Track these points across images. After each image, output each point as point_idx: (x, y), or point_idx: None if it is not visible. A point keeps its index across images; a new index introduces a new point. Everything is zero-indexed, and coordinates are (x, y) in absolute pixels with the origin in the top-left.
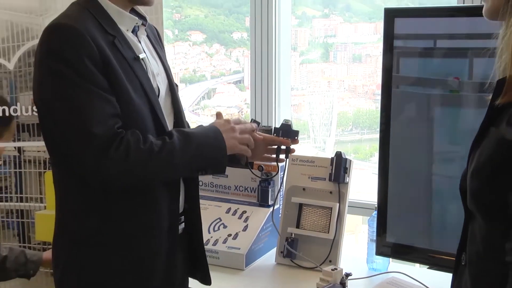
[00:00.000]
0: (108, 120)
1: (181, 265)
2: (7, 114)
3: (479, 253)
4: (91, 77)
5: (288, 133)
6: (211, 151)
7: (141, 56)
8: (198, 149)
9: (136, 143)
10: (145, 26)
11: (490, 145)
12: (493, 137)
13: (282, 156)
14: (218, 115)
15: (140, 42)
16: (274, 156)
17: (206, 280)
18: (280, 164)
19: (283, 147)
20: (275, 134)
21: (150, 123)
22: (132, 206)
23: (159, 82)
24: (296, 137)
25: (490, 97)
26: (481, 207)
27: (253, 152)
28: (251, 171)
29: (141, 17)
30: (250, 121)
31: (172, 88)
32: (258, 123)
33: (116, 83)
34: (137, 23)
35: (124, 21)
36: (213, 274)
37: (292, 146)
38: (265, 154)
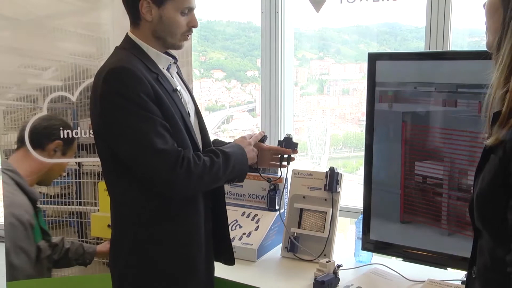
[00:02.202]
0: (169, 140)
1: (212, 249)
2: (70, 136)
3: (486, 265)
4: (148, 108)
5: (289, 144)
6: (241, 165)
7: (178, 88)
8: (234, 165)
9: (194, 160)
10: (176, 64)
11: (490, 171)
12: (492, 164)
13: (284, 163)
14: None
15: (173, 77)
16: (278, 163)
17: (229, 260)
18: (284, 176)
19: (285, 155)
20: (279, 146)
21: (187, 142)
22: (180, 208)
23: (189, 108)
24: (295, 148)
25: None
26: (487, 225)
27: (262, 159)
28: (261, 175)
29: (173, 57)
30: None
31: (198, 113)
32: (266, 137)
33: (164, 110)
34: (170, 62)
35: (161, 61)
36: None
37: (292, 155)
38: (271, 162)
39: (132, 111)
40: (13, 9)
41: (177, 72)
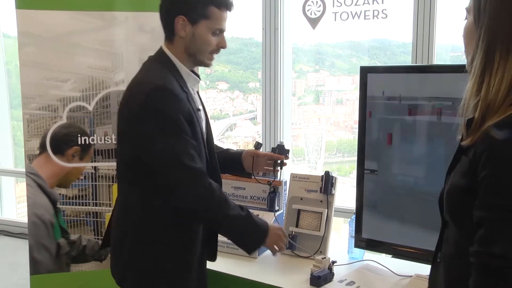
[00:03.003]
0: (197, 160)
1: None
2: (87, 142)
3: (451, 253)
4: (184, 129)
5: (282, 151)
6: (249, 237)
7: (200, 107)
8: (245, 228)
9: (219, 191)
10: (199, 82)
11: (461, 171)
12: (463, 165)
13: (278, 168)
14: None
15: (195, 95)
16: (272, 167)
17: (212, 256)
18: (279, 179)
19: (279, 161)
20: (273, 152)
21: (204, 159)
22: (185, 219)
23: (202, 119)
24: (287, 154)
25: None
26: (454, 219)
27: (257, 164)
28: (256, 179)
29: (198, 76)
30: (254, 143)
31: (208, 126)
32: (261, 144)
33: (193, 129)
34: (197, 82)
35: (190, 81)
36: (234, 261)
37: (284, 161)
38: (266, 167)
39: (169, 129)
40: (37, 27)
41: (197, 91)
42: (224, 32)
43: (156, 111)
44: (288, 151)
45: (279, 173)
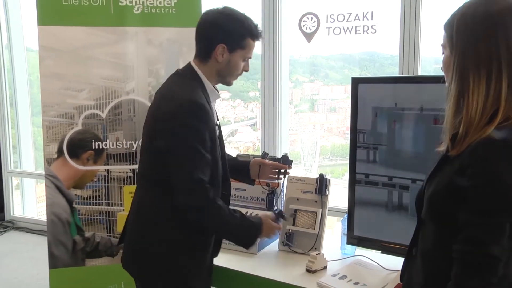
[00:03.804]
0: (207, 174)
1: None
2: (100, 147)
3: (429, 248)
4: (205, 145)
5: (286, 161)
6: (247, 236)
7: (218, 123)
8: (244, 232)
9: (226, 209)
10: (219, 98)
11: (444, 178)
12: (447, 173)
13: (281, 176)
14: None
15: (214, 111)
16: (276, 176)
17: (214, 252)
18: (281, 182)
19: (282, 170)
20: (278, 162)
21: (220, 168)
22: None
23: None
24: (290, 164)
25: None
26: (436, 219)
27: (263, 172)
28: (262, 186)
29: (218, 92)
30: (261, 152)
31: (221, 135)
32: (267, 154)
33: (213, 144)
34: (218, 98)
35: (213, 96)
36: (235, 257)
37: (288, 170)
38: (270, 175)
39: (193, 143)
40: (56, 42)
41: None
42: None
43: (186, 124)
44: (291, 161)
45: (281, 181)
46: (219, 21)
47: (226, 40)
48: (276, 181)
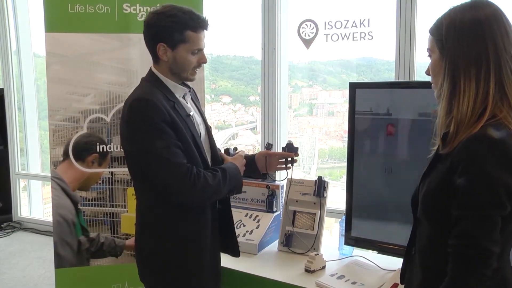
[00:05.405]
0: (180, 157)
1: (217, 244)
2: (105, 150)
3: (426, 246)
4: (165, 132)
5: (291, 149)
6: (236, 179)
7: (191, 113)
8: (230, 179)
9: (199, 174)
10: (190, 92)
11: (437, 177)
12: (439, 172)
13: (289, 165)
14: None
15: (187, 103)
16: (284, 165)
17: (235, 253)
18: (281, 184)
19: (289, 158)
20: (283, 151)
21: (197, 159)
22: (189, 210)
23: (201, 129)
24: (296, 151)
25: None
26: (430, 218)
27: (270, 164)
28: (271, 177)
29: (187, 86)
30: (265, 144)
31: (209, 132)
32: (271, 145)
33: (179, 133)
34: (185, 92)
35: (178, 91)
36: (235, 257)
37: (295, 158)
38: (278, 166)
39: (152, 134)
40: (62, 48)
41: (192, 98)
42: (203, 49)
43: (139, 120)
44: (297, 148)
45: (290, 170)
46: (152, 22)
47: (163, 39)
48: (285, 171)
